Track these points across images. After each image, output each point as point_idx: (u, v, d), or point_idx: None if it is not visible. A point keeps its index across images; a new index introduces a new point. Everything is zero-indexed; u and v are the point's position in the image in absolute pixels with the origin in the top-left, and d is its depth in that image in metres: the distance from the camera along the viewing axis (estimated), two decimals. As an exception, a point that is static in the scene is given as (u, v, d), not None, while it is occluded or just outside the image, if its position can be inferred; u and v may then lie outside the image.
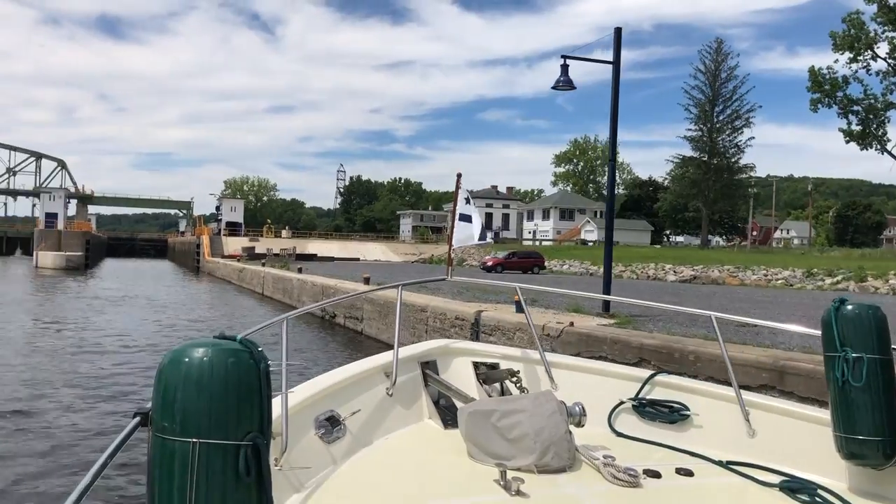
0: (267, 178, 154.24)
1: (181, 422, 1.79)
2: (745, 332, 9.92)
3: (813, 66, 46.27)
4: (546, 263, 47.48)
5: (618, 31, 13.22)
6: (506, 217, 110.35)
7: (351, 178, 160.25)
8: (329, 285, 26.58)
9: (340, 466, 3.29)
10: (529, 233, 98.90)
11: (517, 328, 11.91)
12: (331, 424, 3.45)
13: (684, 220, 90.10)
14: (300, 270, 35.90)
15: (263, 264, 45.66)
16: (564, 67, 13.52)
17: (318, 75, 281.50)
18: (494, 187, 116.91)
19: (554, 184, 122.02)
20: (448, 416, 4.08)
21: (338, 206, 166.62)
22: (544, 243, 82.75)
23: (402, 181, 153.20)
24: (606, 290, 12.81)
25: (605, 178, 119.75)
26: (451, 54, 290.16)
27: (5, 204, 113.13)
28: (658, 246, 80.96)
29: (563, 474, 3.26)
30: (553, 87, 13.70)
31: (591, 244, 76.63)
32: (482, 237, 5.39)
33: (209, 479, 1.77)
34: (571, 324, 11.12)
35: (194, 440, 1.78)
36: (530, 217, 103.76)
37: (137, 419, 2.06)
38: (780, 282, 32.74)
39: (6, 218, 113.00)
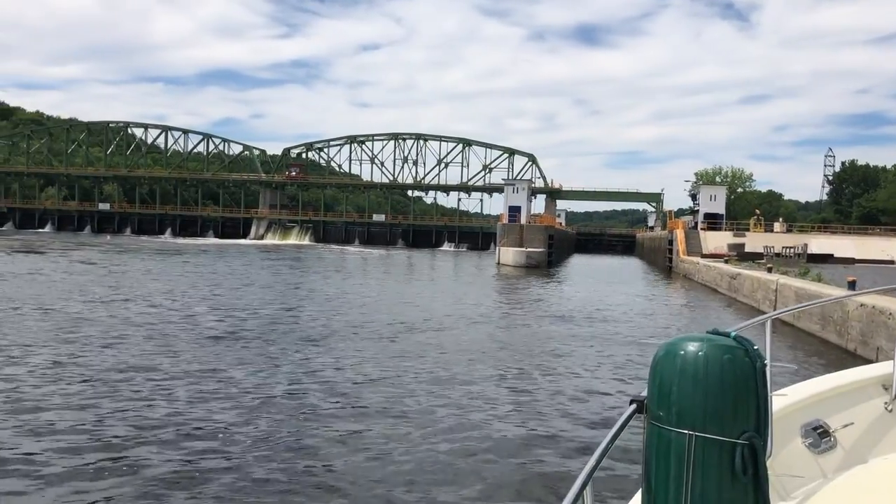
0: (741, 168, 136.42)
1: (676, 413, 1.83)
2: None
3: None
4: None
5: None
6: None
7: (843, 163, 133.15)
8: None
9: (832, 482, 2.90)
10: None
11: None
12: (819, 434, 3.08)
13: None
14: (852, 285, 22.58)
15: (770, 269, 32.91)
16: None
17: (795, 59, 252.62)
18: None
19: None
20: None
21: (825, 197, 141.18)
22: None
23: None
24: None
25: None
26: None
27: (481, 200, 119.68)
28: None
29: None
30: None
31: None
32: None
33: (704, 472, 1.80)
34: None
35: (689, 432, 1.81)
36: None
37: (634, 406, 2.04)
38: None
39: (482, 214, 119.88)
